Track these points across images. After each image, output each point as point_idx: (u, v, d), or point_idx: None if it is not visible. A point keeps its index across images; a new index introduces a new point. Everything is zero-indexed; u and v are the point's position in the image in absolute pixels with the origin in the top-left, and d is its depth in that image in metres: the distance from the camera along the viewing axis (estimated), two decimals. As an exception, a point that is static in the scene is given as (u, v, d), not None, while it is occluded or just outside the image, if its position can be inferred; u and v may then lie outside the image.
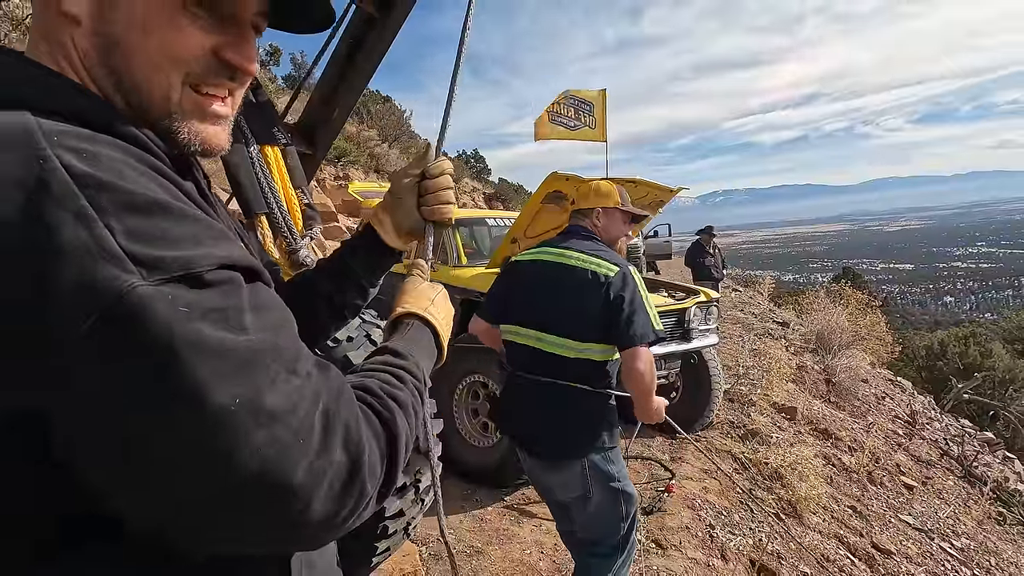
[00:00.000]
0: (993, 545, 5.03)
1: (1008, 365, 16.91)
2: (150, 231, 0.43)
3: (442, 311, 0.81)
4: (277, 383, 0.45)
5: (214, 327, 0.43)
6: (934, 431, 8.14)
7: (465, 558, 2.78)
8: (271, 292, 0.52)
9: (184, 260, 0.43)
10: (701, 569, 2.83)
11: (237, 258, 0.48)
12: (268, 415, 0.43)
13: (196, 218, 0.47)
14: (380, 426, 0.54)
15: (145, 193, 0.44)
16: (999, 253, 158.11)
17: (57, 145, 0.42)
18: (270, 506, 0.44)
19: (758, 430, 4.66)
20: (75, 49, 0.52)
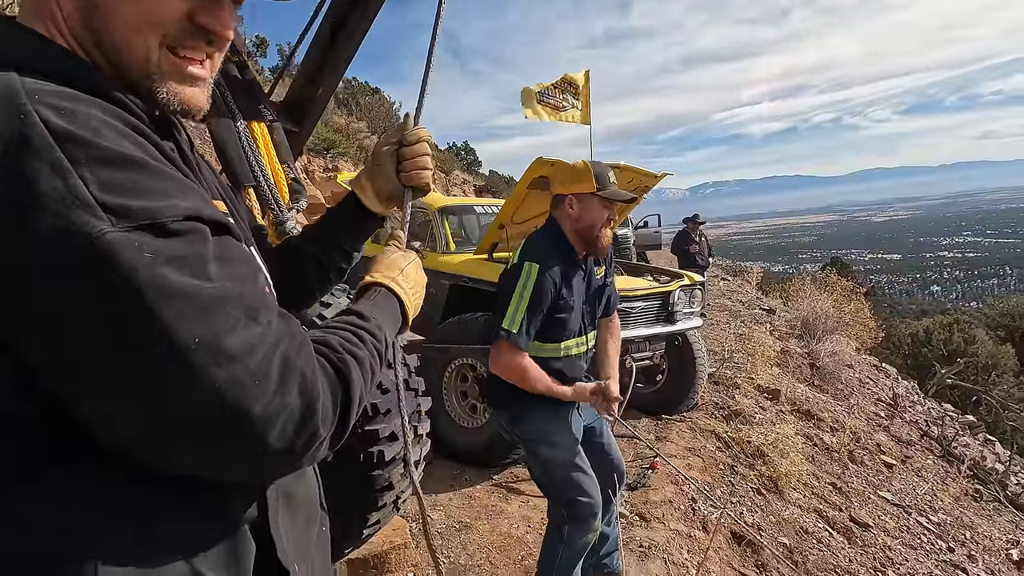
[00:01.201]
0: (969, 520, 5.19)
1: (991, 351, 17.23)
2: (121, 183, 0.46)
3: (411, 281, 0.84)
4: (237, 328, 0.49)
5: (178, 272, 0.47)
6: (916, 414, 8.33)
7: (454, 532, 2.86)
8: (240, 247, 0.56)
9: (151, 210, 0.47)
10: (683, 540, 2.93)
11: (204, 212, 0.52)
12: (227, 356, 0.48)
13: (166, 173, 0.51)
14: (335, 377, 0.59)
15: (118, 149, 0.47)
16: (984, 242, 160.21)
17: (38, 102, 0.46)
18: (227, 438, 0.50)
19: (741, 410, 4.77)
20: (60, 12, 0.55)
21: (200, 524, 0.57)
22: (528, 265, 1.81)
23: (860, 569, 3.44)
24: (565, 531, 1.89)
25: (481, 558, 2.66)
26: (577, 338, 1.99)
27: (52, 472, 0.51)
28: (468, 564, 2.62)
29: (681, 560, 2.73)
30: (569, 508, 1.88)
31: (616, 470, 2.13)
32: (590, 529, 1.91)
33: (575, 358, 2.00)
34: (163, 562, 0.54)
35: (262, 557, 0.61)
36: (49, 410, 0.49)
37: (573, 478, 1.89)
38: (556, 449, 1.92)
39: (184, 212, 0.49)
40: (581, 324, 2.00)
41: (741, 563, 3.00)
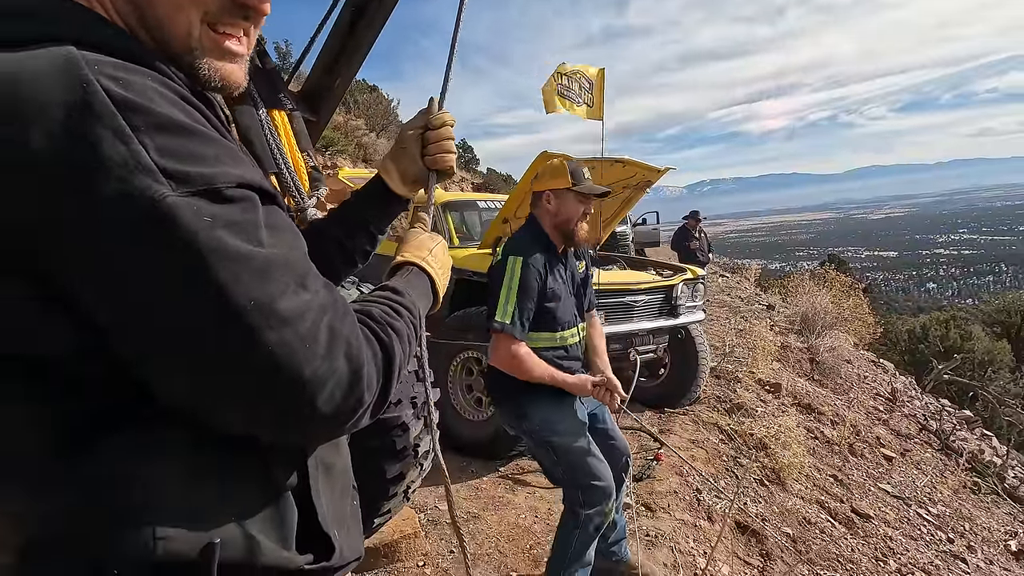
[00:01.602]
0: (968, 512, 5.24)
1: (987, 347, 17.34)
2: (178, 149, 0.48)
3: (439, 260, 0.87)
4: (287, 293, 0.51)
5: (234, 237, 0.49)
6: (914, 408, 8.39)
7: (462, 523, 2.89)
8: (285, 216, 0.58)
9: (208, 176, 0.49)
10: (689, 529, 2.96)
11: (253, 179, 0.54)
12: (279, 319, 0.50)
13: (217, 141, 0.52)
14: (378, 346, 0.61)
15: (171, 116, 0.49)
16: (980, 240, 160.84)
17: (98, 72, 0.47)
18: (278, 398, 0.51)
19: (743, 404, 4.81)
20: None
21: (250, 488, 0.59)
22: (512, 259, 1.91)
23: (862, 559, 3.48)
24: (582, 515, 1.93)
25: (490, 547, 2.68)
26: (571, 329, 2.06)
27: (114, 432, 0.53)
28: (477, 553, 2.64)
29: (688, 549, 2.76)
30: (584, 493, 1.92)
31: (623, 454, 2.18)
32: (605, 512, 1.95)
33: (572, 348, 2.06)
34: (215, 523, 0.56)
35: (303, 522, 0.63)
36: (113, 370, 0.51)
37: (585, 463, 1.93)
38: (564, 436, 1.95)
39: (236, 179, 0.51)
40: (573, 314, 2.07)
41: (746, 552, 3.03)
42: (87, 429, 0.53)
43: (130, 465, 0.53)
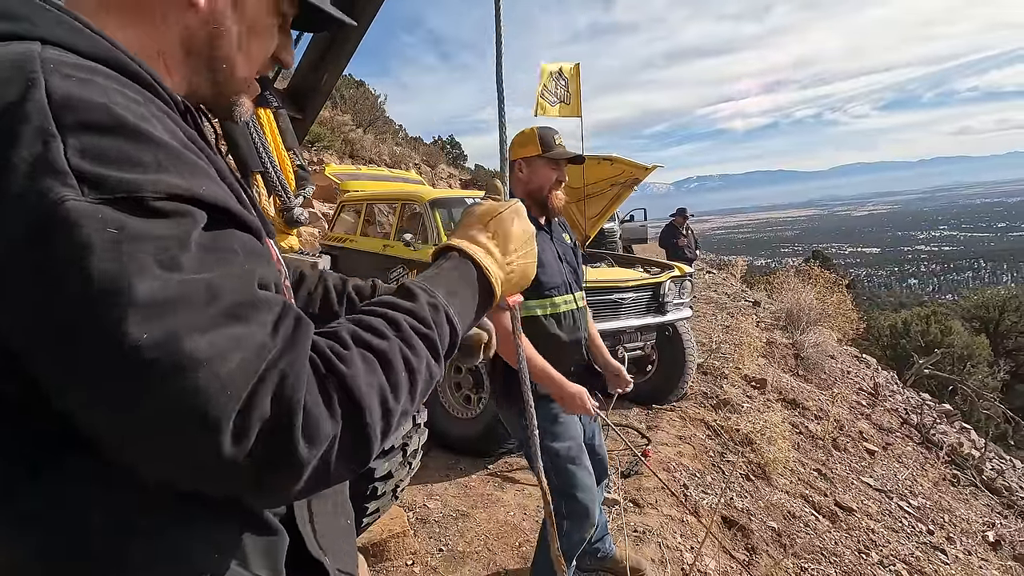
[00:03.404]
0: (947, 504, 5.36)
1: (966, 342, 17.72)
2: (106, 151, 0.42)
3: (501, 238, 0.67)
4: (206, 329, 0.42)
5: (142, 254, 0.41)
6: (895, 402, 8.54)
7: (451, 521, 2.89)
8: (243, 237, 0.50)
9: (131, 183, 0.42)
10: (676, 525, 2.98)
11: (203, 195, 0.46)
12: (184, 358, 0.40)
13: (168, 148, 0.46)
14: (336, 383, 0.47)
15: (118, 116, 0.44)
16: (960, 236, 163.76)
17: (52, 71, 0.43)
18: (183, 450, 0.42)
19: (729, 400, 4.86)
20: (171, 24, 0.56)
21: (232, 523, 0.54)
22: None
23: (845, 551, 3.54)
24: (564, 526, 1.90)
25: (479, 545, 2.69)
26: (565, 295, 1.96)
27: (56, 466, 0.47)
28: (466, 551, 2.64)
29: (675, 544, 2.78)
30: (568, 503, 1.87)
31: (601, 465, 2.15)
32: (587, 525, 1.91)
33: (565, 316, 1.94)
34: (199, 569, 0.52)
35: (293, 548, 0.59)
36: (37, 397, 0.45)
37: (575, 474, 1.88)
38: (561, 443, 1.90)
39: (169, 190, 0.44)
40: (565, 281, 1.97)
41: (732, 546, 3.07)
42: (28, 458, 0.48)
43: (76, 504, 0.48)
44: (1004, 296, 21.26)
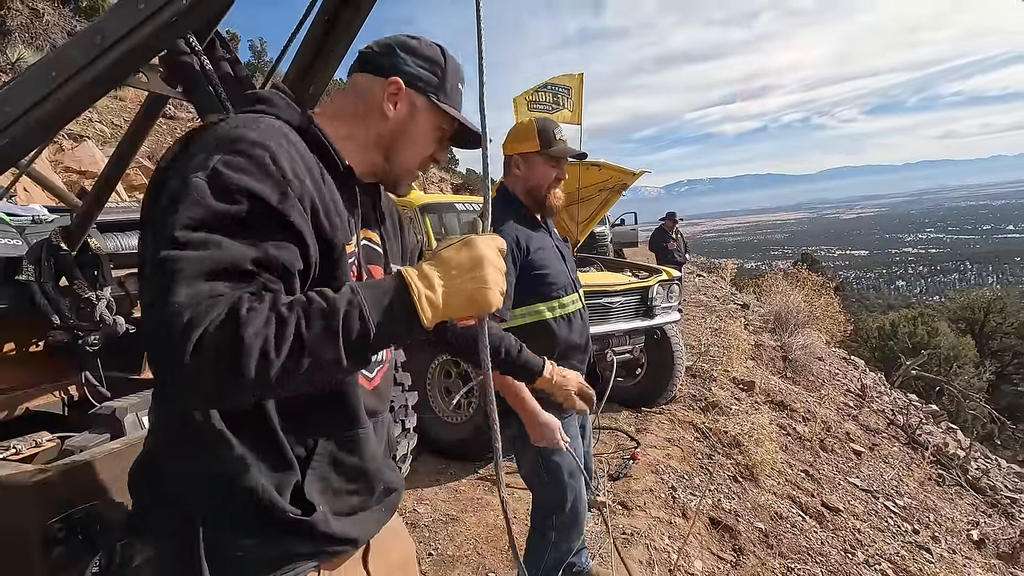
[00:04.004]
0: (932, 503, 5.43)
1: (952, 343, 17.93)
2: (231, 163, 0.70)
3: (439, 264, 0.75)
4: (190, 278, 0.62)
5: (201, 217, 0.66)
6: (883, 404, 8.64)
7: (441, 525, 2.90)
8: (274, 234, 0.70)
9: (232, 181, 0.69)
10: (664, 527, 3.01)
11: (275, 203, 0.70)
12: (170, 290, 0.62)
13: (264, 171, 0.71)
14: (230, 325, 0.61)
15: (257, 152, 0.71)
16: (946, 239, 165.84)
17: (249, 128, 0.75)
18: (156, 345, 0.63)
19: (718, 402, 4.90)
20: (370, 126, 0.91)
21: (270, 457, 0.80)
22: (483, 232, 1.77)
23: (831, 551, 3.58)
24: (552, 536, 1.90)
25: (469, 549, 2.70)
26: (570, 295, 1.88)
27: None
28: (456, 555, 2.66)
29: (663, 545, 2.81)
30: (559, 515, 1.86)
31: (587, 472, 2.14)
32: (575, 536, 1.90)
33: (574, 316, 1.88)
34: (254, 473, 0.78)
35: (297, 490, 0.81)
36: None
37: (571, 487, 1.85)
38: (562, 456, 1.84)
39: (242, 193, 0.68)
40: (569, 280, 1.89)
41: (719, 547, 3.10)
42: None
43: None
44: (989, 298, 21.57)
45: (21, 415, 1.80)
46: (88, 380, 1.88)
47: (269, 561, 0.81)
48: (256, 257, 0.67)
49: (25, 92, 1.08)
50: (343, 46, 1.49)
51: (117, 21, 1.07)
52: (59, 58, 1.08)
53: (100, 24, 1.07)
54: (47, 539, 1.14)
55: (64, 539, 1.15)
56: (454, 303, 0.74)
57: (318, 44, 1.48)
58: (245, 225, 0.67)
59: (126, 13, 1.07)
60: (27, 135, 1.10)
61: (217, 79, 1.33)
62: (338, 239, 0.80)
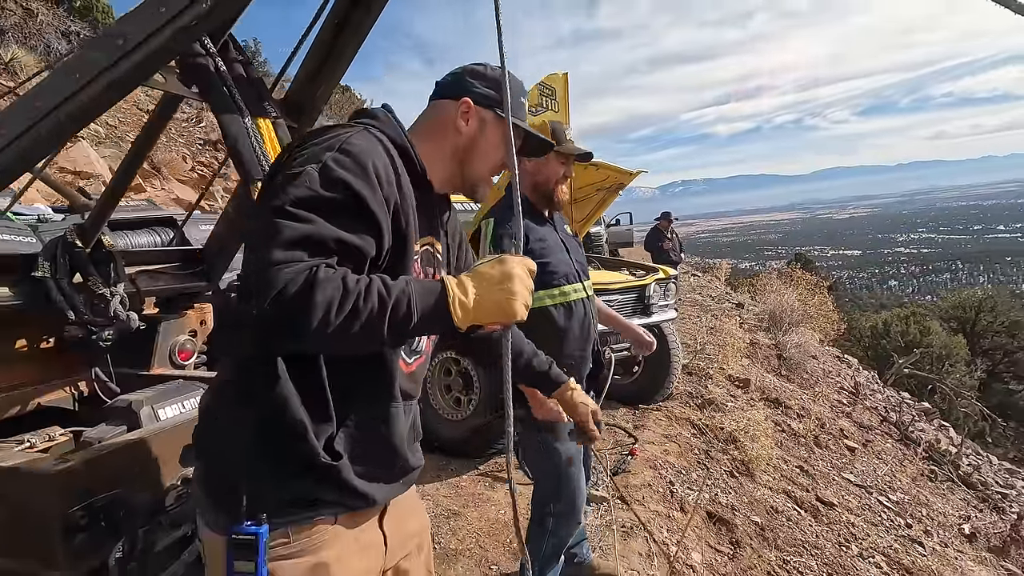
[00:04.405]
0: (925, 498, 5.51)
1: (944, 341, 18.09)
2: (340, 160, 0.85)
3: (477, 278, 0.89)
4: (288, 239, 0.77)
5: (307, 197, 0.82)
6: (876, 401, 8.73)
7: (443, 520, 2.94)
8: (356, 222, 0.84)
9: (335, 173, 0.84)
10: (662, 520, 3.06)
11: (366, 198, 0.85)
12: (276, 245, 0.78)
13: (367, 176, 0.86)
14: (306, 284, 0.76)
15: (361, 156, 0.87)
16: (938, 239, 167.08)
17: (360, 136, 0.91)
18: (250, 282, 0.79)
19: (714, 399, 4.96)
20: (448, 141, 1.06)
21: (313, 397, 0.91)
22: (484, 223, 1.85)
23: (826, 544, 3.64)
24: (549, 523, 1.94)
25: (471, 543, 2.74)
26: (574, 284, 1.94)
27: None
28: (459, 549, 2.69)
29: (662, 538, 2.86)
30: (557, 504, 1.92)
31: (587, 465, 2.20)
32: (573, 523, 1.97)
33: (576, 304, 1.94)
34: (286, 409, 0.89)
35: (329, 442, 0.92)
36: None
37: (572, 476, 1.92)
38: (565, 445, 1.90)
39: (343, 186, 0.83)
40: (573, 270, 1.96)
41: (717, 540, 3.15)
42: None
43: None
44: (980, 297, 21.78)
45: (32, 410, 1.83)
46: (98, 376, 1.90)
47: (294, 502, 0.91)
48: (339, 238, 0.81)
49: (52, 91, 1.11)
50: (352, 48, 1.54)
51: (138, 25, 1.10)
52: (81, 60, 1.11)
53: (121, 27, 1.11)
54: (69, 526, 1.17)
55: (86, 526, 1.18)
56: (484, 309, 0.87)
57: (328, 47, 1.52)
58: (338, 212, 0.82)
59: (147, 16, 1.11)
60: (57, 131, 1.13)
61: (231, 80, 1.37)
62: (410, 238, 0.95)
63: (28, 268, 1.53)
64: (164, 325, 2.05)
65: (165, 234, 2.16)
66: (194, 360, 2.19)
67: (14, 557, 1.21)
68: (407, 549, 1.11)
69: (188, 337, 2.13)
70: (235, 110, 1.35)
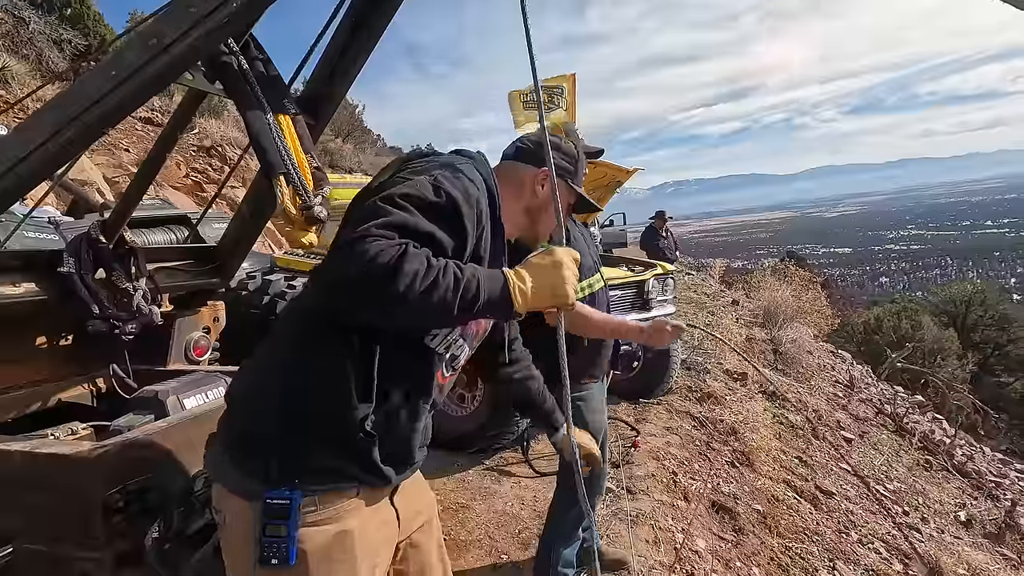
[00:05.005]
0: (921, 487, 5.60)
1: (936, 335, 18.27)
2: (448, 178, 0.98)
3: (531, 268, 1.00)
4: (395, 223, 0.89)
5: (421, 201, 0.93)
6: (870, 394, 8.84)
7: (452, 513, 2.98)
8: (435, 221, 0.94)
9: (444, 187, 0.97)
10: (667, 509, 3.12)
11: (462, 211, 0.97)
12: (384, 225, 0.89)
13: (466, 196, 0.98)
14: (397, 258, 0.85)
15: (464, 184, 1.00)
16: (927, 235, 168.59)
17: (463, 170, 1.04)
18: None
19: (713, 393, 5.03)
20: (524, 198, 1.24)
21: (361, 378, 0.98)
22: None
23: (827, 531, 3.71)
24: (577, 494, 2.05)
25: (480, 534, 2.79)
26: (594, 275, 2.13)
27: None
28: (468, 539, 2.74)
29: (667, 526, 2.92)
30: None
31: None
32: (597, 493, 2.16)
33: (600, 294, 2.12)
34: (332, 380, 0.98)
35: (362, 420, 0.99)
36: None
37: (600, 446, 2.05)
38: (597, 415, 2.11)
39: (449, 198, 0.96)
40: (592, 263, 2.11)
41: (720, 528, 3.21)
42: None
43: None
44: (970, 291, 22.01)
45: (54, 406, 1.86)
46: (116, 372, 1.94)
47: (325, 472, 0.97)
48: (431, 233, 0.92)
49: (85, 93, 1.16)
50: (368, 47, 1.59)
51: (171, 24, 1.15)
52: (118, 60, 1.16)
53: (154, 27, 1.16)
54: (107, 508, 1.21)
55: (124, 508, 1.22)
56: (540, 295, 0.97)
57: (344, 45, 1.57)
58: (437, 215, 0.93)
59: (179, 16, 1.16)
60: (87, 132, 1.18)
61: (253, 78, 1.42)
62: (483, 256, 1.07)
63: (53, 264, 1.57)
64: (179, 322, 2.09)
65: (180, 232, 2.20)
66: (208, 356, 2.23)
67: (51, 540, 1.25)
68: (418, 523, 1.20)
69: (202, 333, 2.18)
70: (258, 106, 1.39)
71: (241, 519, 0.96)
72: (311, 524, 0.95)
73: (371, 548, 1.04)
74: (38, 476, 1.25)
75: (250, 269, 3.48)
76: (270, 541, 0.92)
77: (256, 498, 0.94)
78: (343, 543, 0.98)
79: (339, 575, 0.98)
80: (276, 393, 0.99)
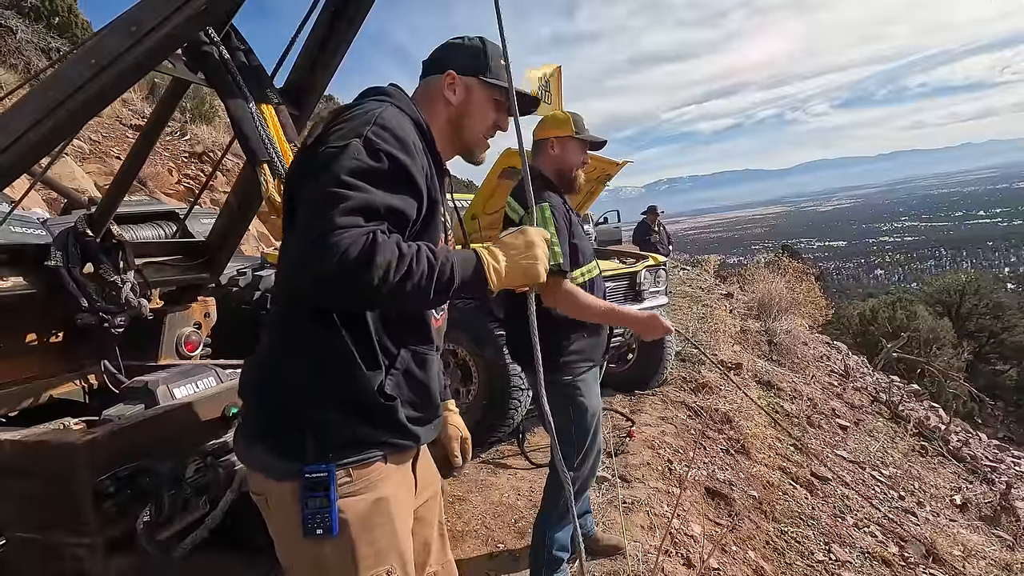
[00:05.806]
0: (917, 472, 5.64)
1: (931, 325, 18.37)
2: (379, 134, 0.94)
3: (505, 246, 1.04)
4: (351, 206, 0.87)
5: (359, 168, 0.90)
6: (866, 383, 8.89)
7: (448, 505, 2.99)
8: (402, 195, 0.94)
9: (376, 143, 0.93)
10: (662, 496, 3.14)
11: (409, 168, 0.95)
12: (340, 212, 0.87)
13: (402, 143, 0.96)
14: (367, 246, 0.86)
15: (395, 130, 0.96)
16: (920, 227, 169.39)
17: (386, 113, 0.99)
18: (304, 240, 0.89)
19: (707, 383, 5.06)
20: (441, 111, 1.16)
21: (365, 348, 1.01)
22: (539, 207, 1.96)
23: (822, 515, 3.74)
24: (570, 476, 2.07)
25: (477, 524, 2.80)
26: (591, 263, 2.16)
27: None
28: (465, 530, 2.75)
29: (662, 512, 2.93)
30: (580, 455, 2.07)
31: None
32: (591, 475, 2.16)
33: (597, 280, 2.16)
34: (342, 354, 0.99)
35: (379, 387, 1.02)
36: None
37: (593, 431, 2.10)
38: (594, 399, 2.12)
39: (391, 158, 0.93)
40: (590, 250, 2.16)
41: (716, 514, 3.23)
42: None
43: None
44: (964, 280, 22.14)
45: (45, 403, 1.87)
46: (107, 368, 1.95)
47: (354, 443, 1.00)
48: (389, 205, 0.91)
49: (67, 80, 1.17)
50: (348, 37, 1.60)
51: (151, 11, 1.17)
52: (98, 47, 1.17)
53: (134, 13, 1.17)
54: (98, 494, 1.22)
55: (114, 493, 1.23)
56: (513, 274, 1.01)
57: (324, 35, 1.59)
58: (385, 180, 0.91)
59: (157, 4, 1.17)
60: (69, 120, 1.19)
61: (235, 67, 1.43)
62: (438, 202, 1.08)
63: (40, 258, 1.58)
64: (170, 317, 2.09)
65: (168, 227, 2.21)
66: (199, 352, 2.24)
67: (43, 528, 1.26)
68: (427, 495, 1.21)
69: (193, 329, 2.18)
70: (240, 95, 1.41)
71: (283, 498, 0.99)
72: (348, 495, 0.99)
73: (406, 511, 1.08)
74: (28, 464, 1.25)
75: (240, 267, 3.49)
76: (313, 513, 0.95)
77: (294, 477, 0.97)
78: (381, 508, 1.02)
79: (381, 540, 1.01)
80: (283, 381, 1.02)
